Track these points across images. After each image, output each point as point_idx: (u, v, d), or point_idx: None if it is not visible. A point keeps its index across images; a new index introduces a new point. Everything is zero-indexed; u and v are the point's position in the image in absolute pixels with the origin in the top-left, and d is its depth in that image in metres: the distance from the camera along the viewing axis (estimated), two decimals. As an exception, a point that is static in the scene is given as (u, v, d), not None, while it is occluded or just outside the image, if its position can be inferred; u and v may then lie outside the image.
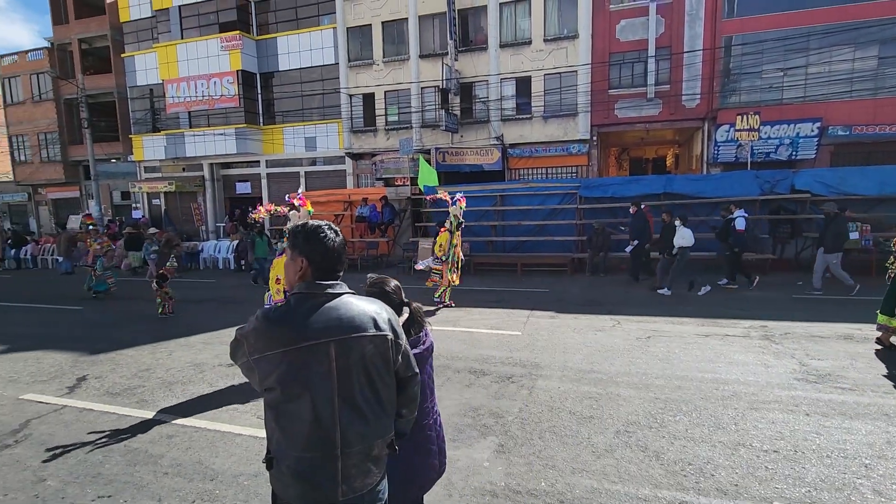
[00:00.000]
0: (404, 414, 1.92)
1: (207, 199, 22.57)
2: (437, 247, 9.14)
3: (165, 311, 9.15)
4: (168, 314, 9.13)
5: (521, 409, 4.59)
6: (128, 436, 4.37)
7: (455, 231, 9.14)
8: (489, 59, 17.64)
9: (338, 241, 1.78)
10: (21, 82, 25.78)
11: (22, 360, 6.72)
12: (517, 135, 17.73)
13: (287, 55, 20.44)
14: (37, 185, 26.57)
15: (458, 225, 9.18)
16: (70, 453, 4.09)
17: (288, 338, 1.61)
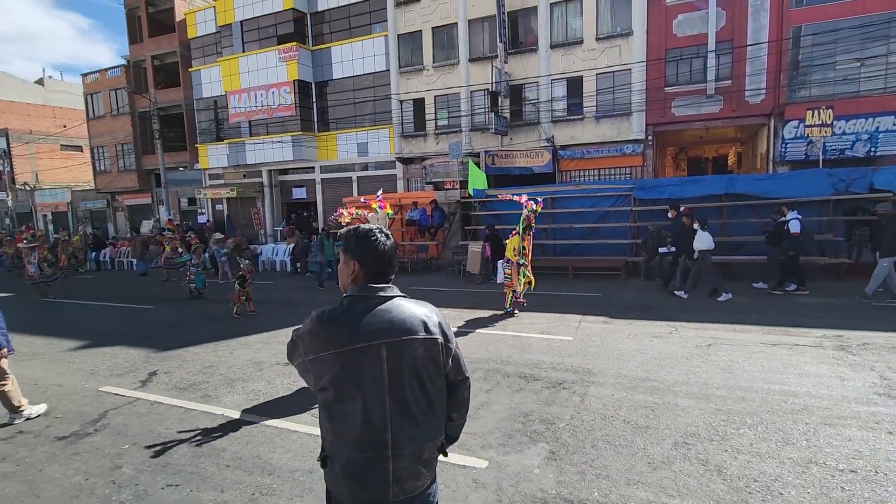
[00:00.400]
0: (455, 418, 1.92)
1: (266, 204, 23.58)
2: (511, 251, 8.89)
3: (238, 311, 9.48)
4: (242, 314, 9.45)
5: (572, 416, 4.49)
6: (193, 429, 4.63)
7: (524, 234, 8.76)
8: (539, 61, 17.45)
9: (388, 245, 1.80)
10: (102, 98, 27.98)
11: (101, 355, 7.26)
12: (568, 136, 17.42)
13: (340, 64, 21.05)
14: (114, 193, 28.70)
15: (528, 228, 8.78)
16: (142, 443, 4.37)
17: (341, 339, 1.65)
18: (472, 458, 3.79)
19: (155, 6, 25.51)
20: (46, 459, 4.15)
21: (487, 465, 3.70)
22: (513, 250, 8.83)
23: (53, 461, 4.11)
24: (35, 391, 5.79)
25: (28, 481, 3.81)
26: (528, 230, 8.81)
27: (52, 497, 3.59)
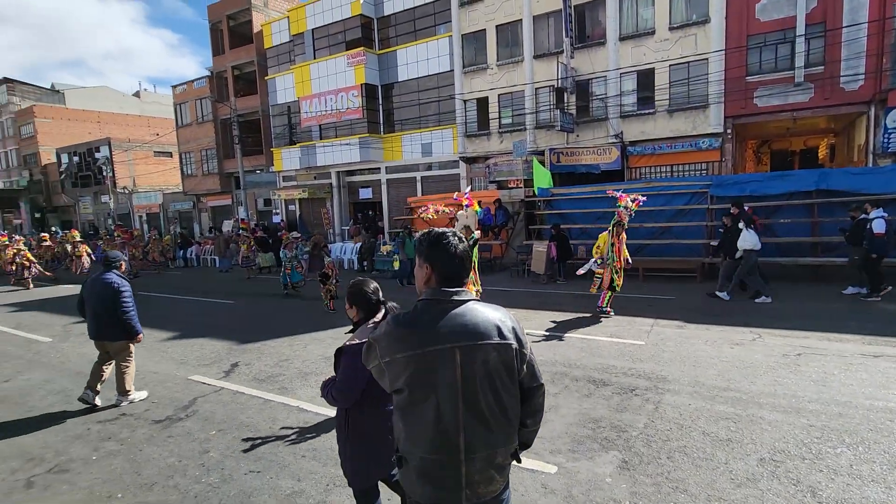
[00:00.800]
0: (528, 424, 1.89)
1: (334, 205, 24.49)
2: (595, 248, 8.59)
3: (330, 306, 9.85)
4: (331, 310, 9.79)
5: (646, 424, 4.31)
6: (272, 419, 4.90)
7: (613, 231, 8.32)
8: (607, 54, 16.87)
9: (461, 248, 1.80)
10: (189, 107, 30.25)
11: (189, 346, 7.85)
12: (638, 131, 16.72)
13: (406, 66, 21.44)
14: (199, 195, 30.94)
15: (618, 225, 8.31)
16: (227, 430, 4.69)
17: (415, 342, 1.67)
18: (541, 462, 3.74)
19: (236, 20, 27.19)
20: (145, 441, 4.54)
21: (556, 471, 3.64)
22: (597, 248, 8.48)
23: (151, 443, 4.50)
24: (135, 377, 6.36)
25: (131, 459, 4.20)
26: (619, 227, 8.32)
27: (151, 475, 3.93)
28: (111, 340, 5.36)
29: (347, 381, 2.52)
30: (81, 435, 4.73)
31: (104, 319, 5.27)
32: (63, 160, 39.22)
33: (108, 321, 5.27)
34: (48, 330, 9.48)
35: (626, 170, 17.00)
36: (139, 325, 5.43)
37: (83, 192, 38.48)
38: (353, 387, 2.51)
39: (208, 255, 22.28)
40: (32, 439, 4.71)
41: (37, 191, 41.88)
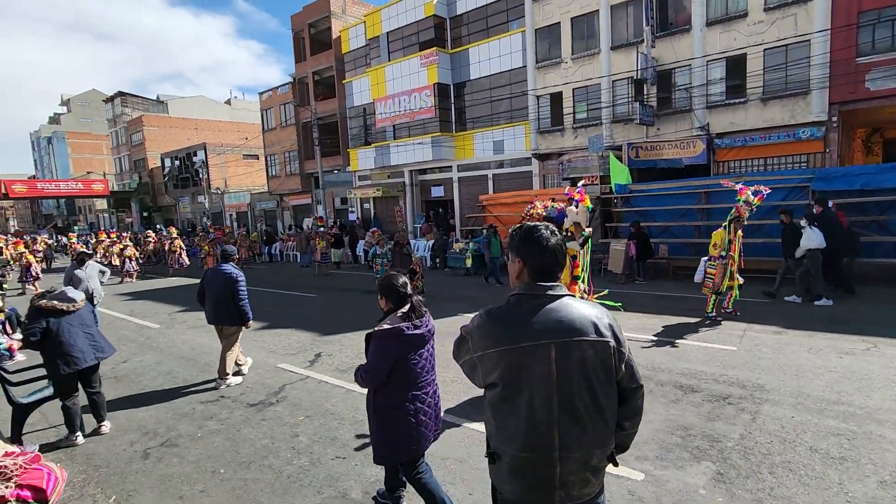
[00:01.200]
0: (626, 427, 1.82)
1: (407, 203, 25.02)
2: (712, 246, 7.87)
3: None
4: None
5: (742, 435, 4.02)
6: (354, 408, 5.09)
7: (730, 227, 7.65)
8: (692, 41, 15.87)
9: (553, 242, 1.75)
10: (273, 112, 32.17)
11: (277, 336, 8.36)
12: (726, 122, 15.59)
13: (478, 64, 21.44)
14: (282, 194, 32.82)
15: (737, 221, 7.65)
16: (314, 417, 4.93)
17: (509, 337, 1.64)
18: (627, 468, 3.60)
19: (316, 27, 28.51)
20: (242, 422, 4.89)
21: (644, 478, 3.49)
22: (713, 246, 7.83)
23: (247, 424, 4.84)
24: (230, 363, 6.87)
25: (230, 438, 4.54)
26: (737, 223, 7.67)
27: (247, 454, 4.23)
28: (227, 325, 5.93)
29: (374, 364, 2.81)
30: (187, 413, 5.18)
31: (222, 306, 5.85)
32: (166, 164, 43.18)
33: (225, 308, 5.84)
34: (156, 317, 10.47)
35: (712, 164, 15.93)
36: (251, 313, 5.96)
37: (183, 193, 42.13)
38: (379, 369, 2.80)
39: (290, 251, 23.57)
40: (146, 415, 5.23)
41: (145, 192, 46.40)
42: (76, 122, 65.67)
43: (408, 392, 2.85)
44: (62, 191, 42.36)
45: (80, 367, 4.46)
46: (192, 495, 3.65)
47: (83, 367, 4.49)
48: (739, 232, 7.75)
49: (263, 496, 3.58)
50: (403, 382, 2.85)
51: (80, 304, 4.63)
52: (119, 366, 7.02)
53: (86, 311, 4.73)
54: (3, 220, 72.29)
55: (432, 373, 3.04)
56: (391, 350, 2.79)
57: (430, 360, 3.01)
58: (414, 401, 2.86)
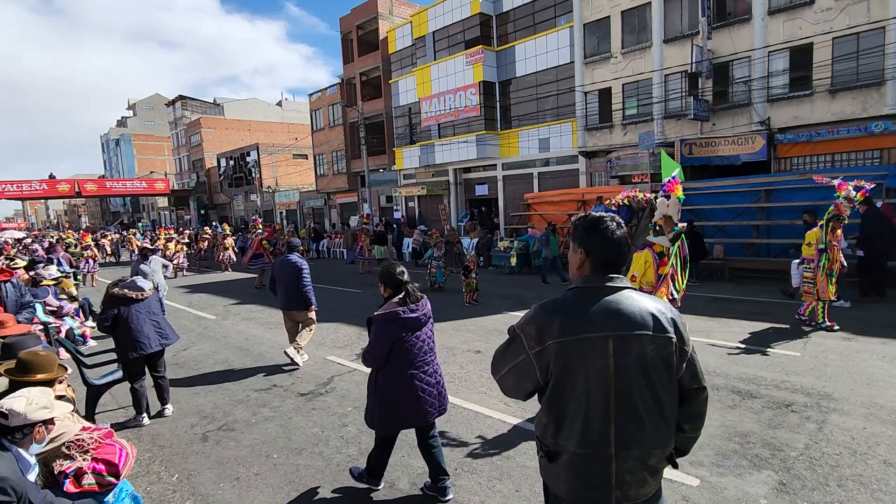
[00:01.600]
0: (686, 430, 1.75)
1: (451, 201, 25.11)
2: (805, 247, 7.20)
3: (471, 299, 10.05)
4: (472, 303, 10.04)
5: (807, 445, 3.80)
6: (401, 401, 5.16)
7: (828, 226, 6.91)
8: (753, 32, 15.10)
9: (618, 234, 1.70)
10: (322, 113, 33.03)
11: (325, 329, 8.58)
12: (790, 116, 14.75)
13: (524, 61, 21.23)
14: (329, 193, 33.67)
15: (836, 219, 6.88)
16: (361, 408, 5.01)
17: (567, 328, 1.60)
18: (681, 473, 3.47)
19: (364, 29, 29.06)
20: (293, 410, 5.06)
21: (699, 484, 3.36)
22: (807, 245, 7.13)
23: (298, 412, 5.00)
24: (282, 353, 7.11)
25: (282, 426, 4.70)
26: (836, 222, 6.90)
27: (299, 441, 4.37)
28: (297, 310, 6.45)
29: (375, 345, 3.16)
30: (242, 400, 5.41)
31: (291, 293, 6.35)
32: (221, 164, 45.19)
33: (293, 295, 6.34)
34: (212, 309, 10.98)
35: (772, 160, 15.12)
36: (314, 299, 6.54)
37: (236, 192, 43.98)
38: (379, 349, 3.14)
39: (337, 247, 24.15)
40: (205, 400, 5.49)
41: (202, 191, 48.75)
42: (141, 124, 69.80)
43: (407, 371, 3.17)
44: (128, 189, 45.15)
45: (145, 352, 4.74)
46: (248, 478, 3.81)
47: (149, 352, 4.78)
48: (839, 232, 6.98)
49: (314, 482, 3.69)
50: (403, 362, 3.17)
51: (147, 292, 4.92)
52: (179, 353, 7.41)
53: (153, 299, 5.03)
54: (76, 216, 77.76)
55: (431, 354, 3.34)
56: (389, 332, 3.13)
57: (427, 342, 3.30)
58: (412, 379, 3.18)
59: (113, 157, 70.30)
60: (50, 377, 2.90)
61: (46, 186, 38.27)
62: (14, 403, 2.37)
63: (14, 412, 2.33)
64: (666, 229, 4.98)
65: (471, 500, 3.37)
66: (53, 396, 2.61)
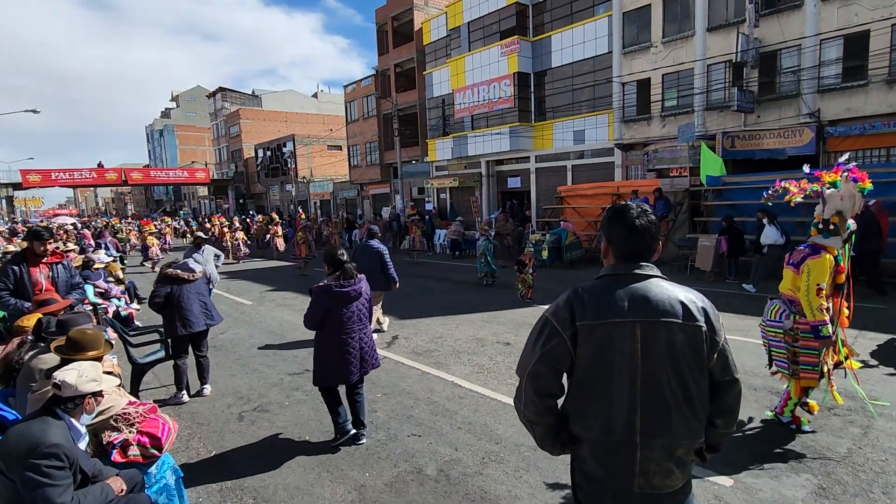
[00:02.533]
0: (718, 424, 1.70)
1: (483, 193, 25.00)
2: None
3: (525, 295, 9.54)
4: (527, 299, 9.49)
5: (850, 449, 3.65)
6: (429, 389, 5.22)
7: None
8: (804, 19, 14.36)
9: (644, 223, 1.68)
10: (356, 105, 33.35)
11: (356, 317, 8.72)
12: (841, 108, 14.01)
13: (560, 51, 20.84)
14: (363, 184, 34.05)
15: None
16: (390, 395, 5.12)
17: (594, 313, 1.60)
18: (713, 472, 3.39)
19: (399, 20, 29.10)
20: (325, 395, 5.18)
21: (732, 485, 3.28)
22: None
23: (329, 397, 5.11)
24: (314, 340, 7.29)
25: (314, 409, 4.82)
26: None
27: (330, 424, 4.46)
28: (375, 290, 6.82)
29: (311, 310, 3.91)
30: (277, 383, 5.58)
31: (370, 274, 6.64)
32: (259, 154, 46.30)
33: (373, 275, 6.69)
34: (249, 295, 11.32)
35: (821, 155, 14.41)
36: (397, 276, 7.32)
37: (273, 182, 45.00)
38: (314, 314, 3.88)
39: (369, 238, 24.43)
40: (241, 382, 5.69)
41: (239, 180, 50.09)
42: (183, 115, 72.12)
43: (338, 335, 3.87)
44: (170, 178, 46.83)
45: (193, 330, 5.03)
46: (281, 457, 3.93)
47: (195, 330, 5.06)
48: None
49: (344, 464, 3.79)
50: (333, 328, 3.88)
51: (198, 275, 5.24)
52: (217, 336, 7.67)
53: (202, 282, 5.35)
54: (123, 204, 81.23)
55: (360, 324, 3.99)
56: (322, 302, 3.86)
57: (357, 314, 3.97)
58: (341, 343, 3.88)
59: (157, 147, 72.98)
60: (97, 354, 3.04)
61: (95, 175, 40.08)
62: (66, 375, 2.51)
63: (66, 384, 2.47)
64: (841, 229, 3.92)
65: (497, 489, 3.39)
66: (102, 371, 2.75)
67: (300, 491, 3.47)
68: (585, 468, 1.70)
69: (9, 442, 2.29)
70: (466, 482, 3.48)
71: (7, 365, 3.43)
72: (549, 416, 1.69)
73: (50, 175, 37.91)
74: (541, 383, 1.67)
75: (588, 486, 1.71)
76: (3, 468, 2.25)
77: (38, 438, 2.26)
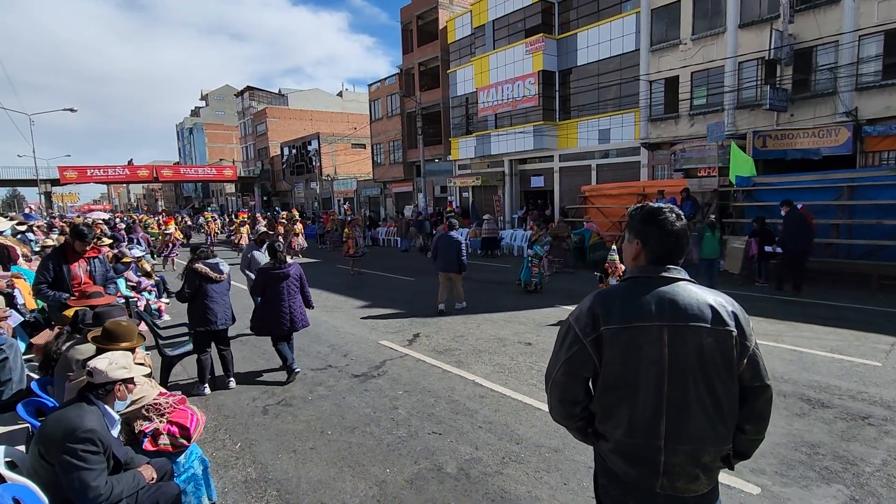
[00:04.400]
0: (747, 430, 1.66)
1: (505, 192, 24.90)
2: None
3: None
4: None
5: (885, 461, 3.52)
6: (450, 388, 5.23)
7: None
8: (842, 14, 13.86)
9: (678, 226, 1.66)
10: (381, 103, 33.57)
11: (378, 315, 8.80)
12: (881, 107, 13.48)
13: (586, 49, 20.59)
14: (385, 182, 34.27)
15: None
16: (412, 392, 5.15)
17: (619, 316, 1.58)
18: (740, 479, 3.32)
19: (423, 19, 29.17)
20: (347, 391, 5.25)
21: (760, 493, 3.20)
22: None
23: (351, 393, 5.18)
24: (337, 335, 7.38)
25: (336, 404, 4.89)
26: None
27: (352, 420, 4.53)
28: (452, 272, 8.77)
29: (255, 286, 5.66)
30: (300, 378, 5.67)
31: (450, 260, 8.69)
32: (284, 152, 47.02)
33: (451, 261, 8.68)
34: (273, 291, 11.49)
35: (859, 154, 13.90)
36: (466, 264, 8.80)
37: (298, 179, 45.67)
38: (255, 287, 5.65)
39: (391, 235, 24.59)
40: (266, 376, 5.80)
41: (265, 178, 50.98)
42: (212, 114, 73.69)
43: (272, 305, 5.46)
44: (199, 175, 47.93)
45: (212, 328, 5.20)
46: (304, 451, 4.00)
47: (215, 329, 5.22)
48: None
49: (365, 459, 3.83)
50: (269, 298, 5.49)
51: (224, 276, 5.42)
52: (243, 331, 7.83)
53: (226, 283, 5.48)
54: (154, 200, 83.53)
55: (290, 296, 5.52)
56: (260, 279, 5.54)
57: (287, 290, 5.49)
58: (272, 309, 5.47)
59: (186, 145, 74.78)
60: (131, 346, 3.16)
61: (128, 172, 41.32)
62: (98, 363, 2.62)
63: (97, 370, 2.58)
64: None
65: (517, 489, 3.38)
66: (132, 360, 2.84)
67: (322, 485, 3.52)
68: (610, 468, 1.69)
69: (47, 427, 2.40)
70: (486, 481, 3.48)
71: (46, 355, 3.58)
72: (574, 421, 1.71)
73: (86, 172, 39.20)
74: (563, 390, 1.68)
75: (612, 487, 1.70)
76: (43, 452, 2.35)
77: (75, 424, 2.35)
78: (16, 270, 6.82)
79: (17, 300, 5.68)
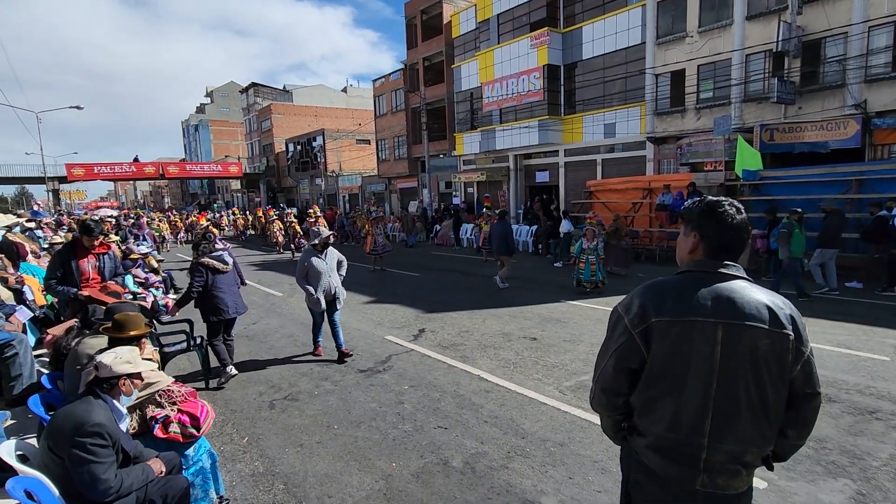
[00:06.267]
0: (790, 435, 1.61)
1: (510, 188, 24.84)
2: None
3: None
4: None
5: (892, 455, 3.51)
6: (456, 383, 5.25)
7: None
8: (851, 5, 13.68)
9: (738, 219, 1.62)
10: (385, 99, 33.52)
11: (384, 310, 8.82)
12: (890, 99, 13.30)
13: (591, 43, 20.45)
14: (390, 178, 34.27)
15: None
16: (417, 387, 5.17)
17: (672, 309, 1.54)
18: (745, 473, 3.31)
19: (428, 13, 29.05)
20: (353, 385, 5.27)
21: (766, 487, 3.20)
22: None
23: (357, 388, 5.21)
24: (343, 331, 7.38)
25: (342, 399, 4.92)
26: None
27: (358, 414, 4.56)
28: (504, 255, 10.28)
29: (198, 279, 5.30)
30: (306, 373, 5.71)
31: (499, 244, 10.21)
32: (289, 148, 47.10)
33: (501, 245, 10.20)
34: (280, 287, 11.57)
35: (867, 148, 13.77)
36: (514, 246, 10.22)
37: (302, 175, 45.76)
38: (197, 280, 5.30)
39: (396, 231, 24.61)
40: (272, 371, 5.84)
41: (271, 174, 51.11)
42: (217, 110, 73.92)
43: (215, 293, 5.33)
44: (205, 172, 48.07)
45: (224, 317, 5.36)
46: (310, 445, 4.03)
47: (227, 318, 5.39)
48: None
49: (371, 453, 3.85)
50: (213, 287, 5.33)
51: (229, 267, 5.56)
52: (250, 327, 7.89)
53: (233, 273, 5.64)
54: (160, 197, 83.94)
55: (231, 285, 5.53)
56: (202, 271, 5.32)
57: (227, 280, 5.47)
58: (217, 296, 5.33)
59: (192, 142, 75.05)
60: (139, 333, 3.24)
61: (135, 168, 41.52)
62: (103, 357, 2.66)
63: (103, 364, 2.61)
64: None
65: (523, 483, 3.40)
66: (139, 355, 2.88)
67: (329, 479, 3.55)
68: (647, 463, 1.64)
69: (56, 421, 2.43)
70: (492, 475, 3.50)
71: (56, 350, 3.63)
72: (614, 413, 1.71)
73: (93, 169, 39.44)
74: (608, 380, 1.66)
75: (648, 483, 1.65)
76: (52, 446, 2.39)
77: (84, 418, 2.38)
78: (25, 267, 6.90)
79: (27, 296, 5.74)
